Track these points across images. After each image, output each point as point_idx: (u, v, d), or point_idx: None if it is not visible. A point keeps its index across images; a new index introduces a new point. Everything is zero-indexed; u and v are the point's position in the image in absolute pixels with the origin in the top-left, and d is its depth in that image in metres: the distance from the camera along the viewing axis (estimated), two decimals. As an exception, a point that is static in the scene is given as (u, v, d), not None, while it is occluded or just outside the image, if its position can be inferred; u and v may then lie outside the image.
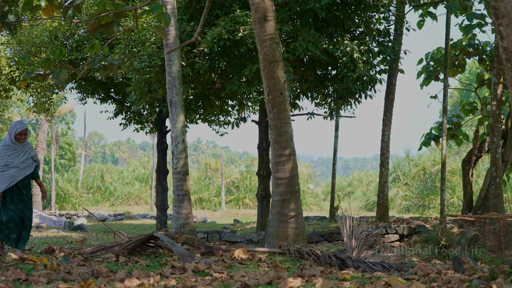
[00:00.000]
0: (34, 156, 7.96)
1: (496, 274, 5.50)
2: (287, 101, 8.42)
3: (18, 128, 7.72)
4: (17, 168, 7.68)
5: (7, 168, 7.64)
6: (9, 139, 7.78)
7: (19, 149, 7.79)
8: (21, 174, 7.70)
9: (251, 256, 7.67)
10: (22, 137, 7.78)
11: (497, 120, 12.10)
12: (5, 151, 7.71)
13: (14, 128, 7.76)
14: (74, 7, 6.18)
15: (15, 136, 7.72)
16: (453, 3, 12.47)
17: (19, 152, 7.78)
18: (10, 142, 7.76)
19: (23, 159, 7.76)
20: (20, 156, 7.76)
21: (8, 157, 7.67)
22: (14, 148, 7.74)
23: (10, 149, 7.71)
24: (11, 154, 7.69)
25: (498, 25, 5.24)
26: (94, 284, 5.19)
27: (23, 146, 7.83)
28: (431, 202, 36.43)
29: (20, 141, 7.78)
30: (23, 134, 7.77)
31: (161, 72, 12.20)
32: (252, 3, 8.22)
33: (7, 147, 7.73)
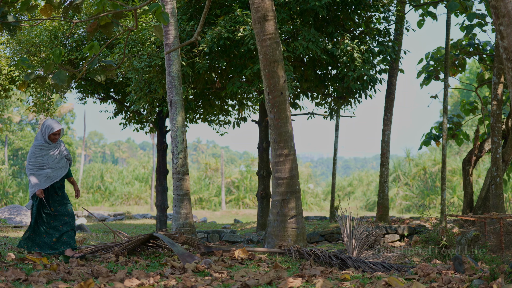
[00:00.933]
0: (68, 155, 7.72)
1: (496, 274, 5.49)
2: (287, 100, 8.42)
3: (54, 128, 7.44)
4: (53, 168, 7.42)
5: (42, 169, 7.37)
6: (42, 139, 7.48)
7: (53, 148, 7.51)
8: (57, 175, 7.44)
9: (251, 256, 7.66)
10: (57, 137, 7.51)
11: (497, 120, 12.09)
12: (39, 151, 7.43)
13: (49, 128, 7.45)
14: (74, 7, 6.17)
15: (49, 136, 7.44)
16: (453, 2, 12.46)
17: (53, 152, 7.51)
18: (43, 142, 7.46)
19: (58, 159, 7.50)
20: (55, 156, 7.49)
21: (42, 157, 7.40)
22: (48, 148, 7.46)
23: (44, 149, 7.44)
24: (45, 154, 7.42)
25: (498, 24, 5.24)
26: (94, 284, 5.19)
27: (57, 145, 7.56)
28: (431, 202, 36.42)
29: (54, 141, 7.51)
30: (57, 134, 7.50)
31: (161, 71, 12.19)
32: (252, 2, 8.21)
33: (40, 147, 7.44)
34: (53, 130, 7.40)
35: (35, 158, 7.36)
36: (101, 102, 16.84)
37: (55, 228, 7.38)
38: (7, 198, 38.95)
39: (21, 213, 18.41)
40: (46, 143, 7.44)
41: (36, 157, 7.37)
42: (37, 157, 7.36)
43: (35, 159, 7.36)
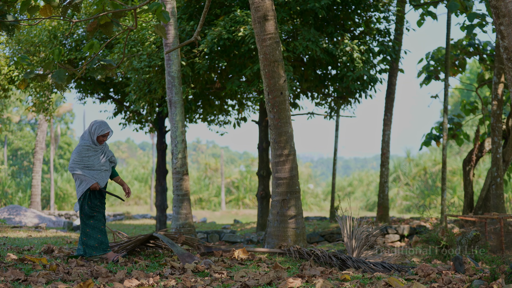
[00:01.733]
0: (112, 157, 7.46)
1: (497, 275, 5.49)
2: (287, 100, 8.40)
3: (104, 130, 7.17)
4: (99, 171, 7.22)
5: (89, 169, 7.15)
6: (90, 140, 7.20)
7: (99, 150, 7.28)
8: (102, 178, 7.25)
9: (251, 256, 7.65)
10: (105, 139, 7.26)
11: (498, 120, 12.08)
12: (85, 152, 7.18)
13: (99, 129, 7.17)
14: (73, 6, 6.15)
15: (97, 138, 7.19)
16: (453, 2, 12.45)
17: (99, 153, 7.28)
18: (91, 143, 7.20)
19: (103, 161, 7.29)
20: (100, 158, 7.27)
21: (88, 158, 7.16)
22: (95, 149, 7.22)
23: (91, 150, 7.19)
24: (92, 155, 7.18)
25: (499, 24, 5.22)
26: (93, 284, 5.17)
27: (103, 147, 7.32)
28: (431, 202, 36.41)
29: (101, 143, 7.25)
30: (106, 136, 7.25)
31: (160, 71, 12.18)
32: (252, 2, 8.20)
33: (88, 147, 7.19)
34: (103, 132, 7.17)
35: (81, 157, 7.14)
36: (100, 102, 16.84)
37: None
38: (7, 198, 38.95)
39: (21, 213, 18.39)
40: (93, 144, 7.21)
41: (82, 157, 7.15)
42: (83, 157, 7.15)
43: (80, 159, 7.14)
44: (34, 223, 17.70)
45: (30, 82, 14.72)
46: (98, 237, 7.15)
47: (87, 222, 7.16)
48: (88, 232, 7.15)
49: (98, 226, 7.20)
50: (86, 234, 7.15)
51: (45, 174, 45.07)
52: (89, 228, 7.16)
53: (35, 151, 32.12)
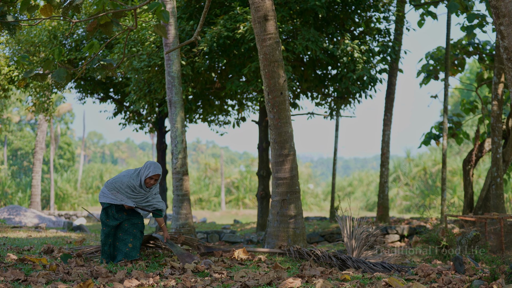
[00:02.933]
0: (154, 205, 6.99)
1: (497, 275, 5.49)
2: (287, 100, 8.40)
3: (151, 172, 6.70)
4: (132, 199, 6.83)
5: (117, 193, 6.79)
6: (138, 180, 6.77)
7: (142, 195, 6.86)
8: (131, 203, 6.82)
9: (251, 256, 7.65)
10: (152, 182, 6.78)
11: (498, 120, 12.08)
12: (125, 188, 6.77)
13: (147, 170, 6.72)
14: (73, 7, 6.15)
15: (145, 180, 6.76)
16: (453, 3, 12.45)
17: (139, 198, 6.87)
18: (137, 184, 6.77)
19: (137, 205, 6.88)
20: (136, 202, 6.87)
21: (124, 194, 6.78)
22: (137, 192, 6.82)
23: (130, 189, 6.77)
24: (130, 196, 6.80)
25: (499, 24, 5.22)
26: (93, 284, 5.17)
27: (146, 193, 6.88)
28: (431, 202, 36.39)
29: (149, 186, 6.81)
30: (153, 179, 6.78)
31: (160, 71, 12.18)
32: (252, 2, 8.19)
33: (131, 187, 6.78)
34: (150, 174, 6.71)
35: (118, 186, 6.78)
36: (100, 102, 16.84)
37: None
38: (6, 198, 38.95)
39: (20, 213, 18.38)
40: (140, 186, 6.80)
41: (119, 190, 6.78)
42: (120, 190, 6.78)
43: (118, 189, 6.79)
44: (34, 223, 17.70)
45: (30, 82, 14.73)
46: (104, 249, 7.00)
47: (102, 229, 7.03)
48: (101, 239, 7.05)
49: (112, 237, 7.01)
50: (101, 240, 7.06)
51: (45, 174, 45.06)
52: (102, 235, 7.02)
53: (35, 151, 32.11)
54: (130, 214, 7.01)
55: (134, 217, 7.04)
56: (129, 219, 7.01)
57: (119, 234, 7.02)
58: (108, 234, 6.96)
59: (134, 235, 7.03)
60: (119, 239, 7.00)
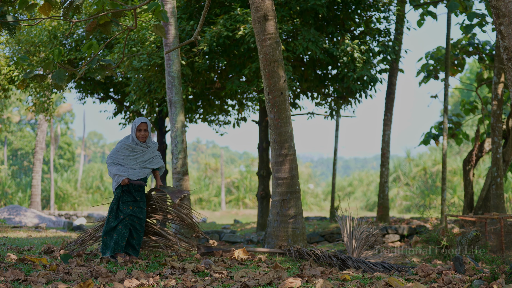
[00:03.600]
0: (154, 163, 7.04)
1: (497, 275, 5.48)
2: (287, 100, 8.40)
3: (137, 122, 6.84)
4: (131, 169, 6.86)
5: (120, 166, 6.84)
6: (130, 138, 6.89)
7: (139, 152, 6.91)
8: (134, 174, 6.86)
9: (251, 256, 7.64)
10: (142, 133, 6.85)
11: (498, 119, 12.08)
12: (122, 150, 6.87)
13: (133, 124, 6.87)
14: (74, 7, 6.15)
15: (136, 133, 6.84)
16: (453, 2, 12.46)
17: (138, 156, 6.91)
18: (130, 141, 6.87)
19: (139, 165, 6.91)
20: (137, 161, 6.91)
21: (124, 157, 6.85)
22: (134, 150, 6.88)
23: (128, 150, 6.86)
24: (129, 156, 6.86)
25: (499, 24, 5.22)
26: (93, 284, 5.17)
27: (144, 150, 6.92)
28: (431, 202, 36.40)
29: (142, 139, 6.86)
30: (142, 129, 6.86)
31: (160, 71, 12.18)
32: (252, 2, 8.19)
33: (126, 147, 6.87)
34: (136, 124, 6.84)
35: (116, 155, 6.87)
36: (100, 102, 16.84)
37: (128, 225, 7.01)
38: (7, 198, 38.95)
39: (21, 213, 18.38)
40: (134, 143, 6.88)
41: (118, 155, 6.87)
42: (119, 155, 6.87)
43: (116, 156, 6.87)
44: (34, 223, 17.70)
45: (30, 82, 14.72)
46: (113, 236, 6.93)
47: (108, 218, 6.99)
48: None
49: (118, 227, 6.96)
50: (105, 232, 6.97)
51: (45, 174, 45.09)
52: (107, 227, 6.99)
53: (35, 151, 32.11)
54: (136, 207, 7.01)
55: (139, 211, 7.05)
56: (132, 215, 7.00)
57: (119, 227, 6.99)
58: (114, 226, 6.94)
59: (137, 230, 7.06)
60: (120, 232, 6.97)
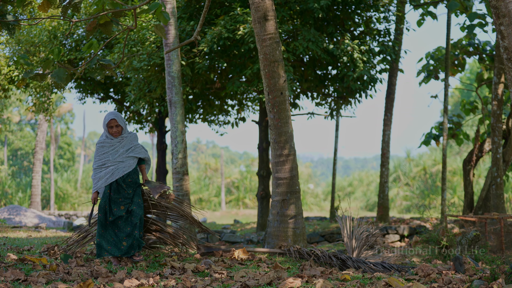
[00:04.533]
0: (137, 152, 6.69)
1: (497, 275, 5.48)
2: (287, 100, 8.40)
3: (106, 119, 6.54)
4: (113, 165, 6.56)
5: (105, 168, 6.57)
6: (104, 135, 6.64)
7: (117, 144, 6.61)
8: (118, 170, 6.55)
9: (251, 256, 7.64)
10: (114, 129, 6.56)
11: (498, 120, 12.09)
12: (101, 149, 6.60)
13: (104, 121, 6.59)
14: (73, 6, 6.15)
15: (108, 130, 6.57)
16: (453, 2, 12.46)
17: (117, 147, 6.61)
18: (105, 138, 6.61)
19: (122, 155, 6.59)
20: (119, 152, 6.60)
21: (104, 155, 6.57)
22: (111, 144, 6.59)
23: (106, 146, 6.58)
24: (108, 151, 6.58)
25: (499, 24, 5.22)
26: (93, 284, 5.17)
27: (121, 140, 6.62)
28: (431, 202, 36.41)
29: (115, 135, 6.60)
30: (113, 125, 6.56)
31: (160, 71, 12.18)
32: (252, 2, 8.19)
33: (102, 144, 6.59)
34: (105, 122, 6.55)
35: (98, 157, 6.60)
36: (100, 102, 16.84)
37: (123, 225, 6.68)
38: (7, 198, 38.95)
39: (21, 213, 18.39)
40: (109, 138, 6.61)
41: (99, 155, 6.60)
42: (100, 156, 6.60)
43: (98, 159, 6.61)
44: (34, 223, 17.71)
45: (30, 82, 14.72)
46: (111, 240, 6.64)
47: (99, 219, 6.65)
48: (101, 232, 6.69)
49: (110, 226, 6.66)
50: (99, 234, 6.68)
51: (45, 174, 45.10)
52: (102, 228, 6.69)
53: (35, 151, 32.12)
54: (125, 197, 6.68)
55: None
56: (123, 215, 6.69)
57: (112, 229, 6.70)
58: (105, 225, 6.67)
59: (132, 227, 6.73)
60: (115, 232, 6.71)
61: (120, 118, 6.60)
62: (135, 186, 6.72)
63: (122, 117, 6.67)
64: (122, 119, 6.65)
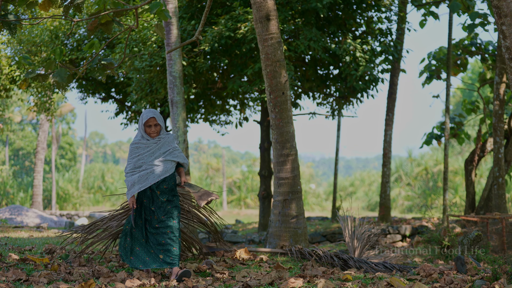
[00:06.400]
0: (175, 156, 5.97)
1: (498, 275, 5.47)
2: (289, 100, 8.40)
3: (144, 118, 5.86)
4: (145, 170, 5.84)
5: (138, 172, 5.86)
6: (140, 135, 5.96)
7: (153, 146, 5.90)
8: (152, 176, 5.82)
9: (252, 256, 7.64)
10: (152, 129, 5.88)
11: (499, 119, 12.08)
12: (136, 150, 5.90)
13: (141, 119, 5.91)
14: (75, 6, 6.15)
15: (145, 130, 5.90)
16: (455, 2, 12.44)
17: (153, 149, 5.90)
18: (140, 138, 5.94)
19: (158, 159, 5.88)
20: (154, 155, 5.89)
21: (139, 157, 5.88)
22: (147, 145, 5.89)
23: (141, 148, 5.89)
24: (144, 153, 5.88)
25: (500, 24, 5.21)
26: (95, 284, 5.17)
27: (158, 141, 5.91)
28: (433, 202, 36.36)
29: (152, 135, 5.92)
30: (151, 124, 5.88)
31: (162, 71, 12.18)
32: (254, 2, 8.19)
33: (137, 145, 5.90)
34: (143, 121, 5.87)
35: (131, 159, 5.93)
36: (102, 102, 16.84)
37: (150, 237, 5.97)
38: (8, 198, 38.96)
39: (22, 213, 18.40)
40: (144, 139, 5.93)
41: (133, 158, 5.90)
42: (134, 158, 5.90)
43: (131, 161, 5.92)
44: (35, 223, 17.71)
45: (32, 82, 14.72)
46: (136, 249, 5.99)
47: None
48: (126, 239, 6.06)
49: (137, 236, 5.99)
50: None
51: (47, 174, 45.11)
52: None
53: (37, 151, 32.12)
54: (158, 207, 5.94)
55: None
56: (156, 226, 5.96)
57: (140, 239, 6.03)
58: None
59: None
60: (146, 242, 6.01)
61: (159, 117, 5.93)
62: (170, 194, 5.95)
63: (161, 116, 5.94)
64: (161, 117, 5.99)
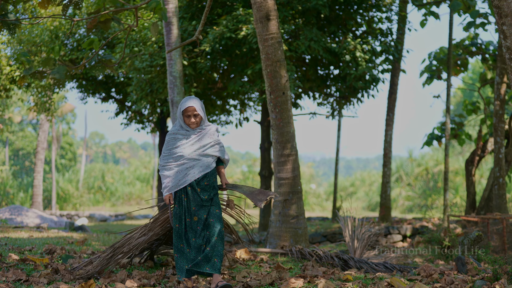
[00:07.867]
0: (216, 150, 5.51)
1: (499, 275, 5.47)
2: (289, 100, 8.39)
3: (183, 106, 5.37)
4: (184, 165, 5.39)
5: (175, 163, 5.42)
6: (178, 125, 5.50)
7: (193, 137, 5.43)
8: (191, 173, 5.38)
9: (253, 256, 7.63)
10: (191, 119, 5.38)
11: (500, 120, 12.07)
12: (173, 141, 5.46)
13: (180, 108, 5.42)
14: (74, 3, 6.15)
15: (184, 119, 5.41)
16: (456, 2, 12.44)
17: (193, 140, 5.43)
18: (178, 128, 5.48)
19: (197, 151, 5.42)
20: (194, 146, 5.42)
21: (177, 148, 5.42)
22: (185, 136, 5.43)
23: (179, 139, 5.43)
24: (182, 144, 5.40)
25: (501, 24, 5.20)
26: (95, 285, 5.16)
27: (198, 132, 5.45)
28: (434, 203, 36.35)
29: (192, 125, 5.42)
30: (191, 114, 5.37)
31: (162, 71, 12.17)
32: (254, 2, 8.18)
33: (174, 135, 5.46)
34: (182, 109, 5.39)
35: (168, 150, 5.48)
36: (102, 102, 16.85)
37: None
38: (8, 198, 38.97)
39: (22, 213, 18.40)
40: (183, 129, 5.47)
41: (170, 149, 5.45)
42: (171, 149, 5.44)
43: (168, 151, 5.48)
44: (35, 223, 17.70)
45: (31, 80, 14.72)
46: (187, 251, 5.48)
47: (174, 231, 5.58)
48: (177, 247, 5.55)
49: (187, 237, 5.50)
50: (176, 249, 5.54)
51: (47, 174, 45.11)
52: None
53: (37, 151, 32.11)
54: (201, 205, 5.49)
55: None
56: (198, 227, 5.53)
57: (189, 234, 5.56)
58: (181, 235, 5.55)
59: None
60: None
61: (200, 105, 5.42)
62: (212, 191, 5.53)
63: (202, 104, 5.51)
64: (203, 106, 5.49)
